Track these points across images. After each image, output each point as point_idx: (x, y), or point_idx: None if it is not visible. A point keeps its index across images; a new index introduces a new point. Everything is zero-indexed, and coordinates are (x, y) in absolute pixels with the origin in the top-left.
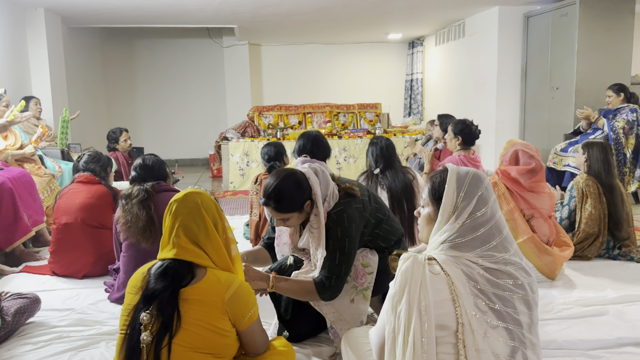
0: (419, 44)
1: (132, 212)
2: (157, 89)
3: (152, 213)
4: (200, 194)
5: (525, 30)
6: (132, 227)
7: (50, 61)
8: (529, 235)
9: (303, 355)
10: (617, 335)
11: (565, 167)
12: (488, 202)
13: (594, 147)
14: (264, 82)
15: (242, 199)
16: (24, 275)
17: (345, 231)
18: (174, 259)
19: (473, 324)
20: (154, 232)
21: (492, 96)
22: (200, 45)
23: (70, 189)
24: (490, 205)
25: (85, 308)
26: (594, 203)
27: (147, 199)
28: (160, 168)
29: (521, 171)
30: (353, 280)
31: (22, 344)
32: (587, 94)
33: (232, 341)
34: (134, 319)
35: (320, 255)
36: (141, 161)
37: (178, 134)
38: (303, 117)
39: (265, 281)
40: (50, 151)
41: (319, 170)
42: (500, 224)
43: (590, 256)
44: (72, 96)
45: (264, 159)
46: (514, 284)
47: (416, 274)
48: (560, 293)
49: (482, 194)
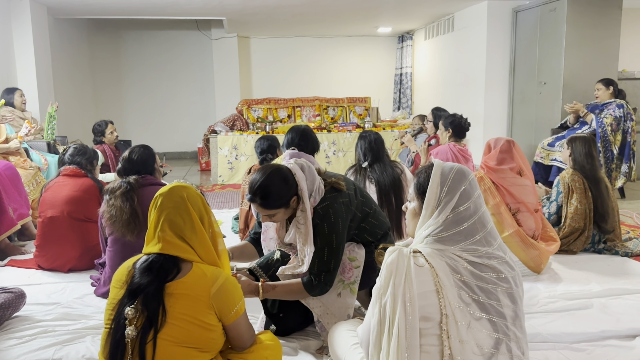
0: (408, 37)
1: (115, 206)
2: (144, 81)
3: (136, 205)
4: (186, 187)
5: (513, 25)
6: (116, 221)
7: (36, 52)
8: (515, 229)
9: (290, 349)
10: (601, 328)
11: (553, 161)
12: (471, 197)
13: (577, 141)
14: (253, 75)
15: (231, 193)
16: (9, 269)
17: (332, 226)
18: (159, 253)
19: (457, 315)
20: (138, 225)
21: (481, 91)
22: (188, 37)
23: (56, 182)
24: (473, 200)
25: (71, 302)
26: (579, 198)
27: (130, 191)
28: (147, 162)
29: (497, 152)
30: (340, 274)
31: (7, 339)
32: (575, 89)
33: (218, 335)
34: (118, 314)
35: (308, 250)
36: (127, 154)
37: (166, 127)
38: (292, 111)
39: (255, 292)
40: (36, 144)
41: (305, 165)
42: (485, 218)
43: (575, 250)
44: (59, 88)
45: (257, 152)
46: (498, 277)
47: (401, 267)
48: (545, 286)
49: (465, 189)
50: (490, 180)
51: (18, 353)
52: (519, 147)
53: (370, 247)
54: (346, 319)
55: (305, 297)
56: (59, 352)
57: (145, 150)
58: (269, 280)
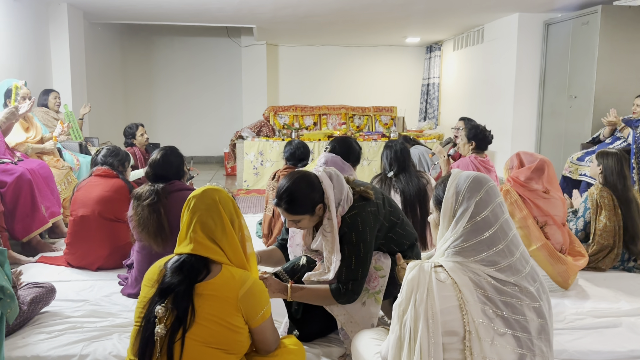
0: (436, 48)
1: (142, 216)
2: (174, 85)
3: (162, 218)
4: (219, 190)
5: (544, 37)
6: (143, 231)
7: (72, 56)
8: (543, 243)
9: (313, 355)
10: (629, 347)
11: (582, 176)
12: (489, 205)
13: (608, 157)
14: (280, 82)
15: (255, 198)
16: (40, 266)
17: (360, 235)
18: (190, 254)
19: (480, 332)
20: (165, 238)
21: (509, 103)
22: (218, 44)
23: (88, 182)
24: (492, 208)
25: (99, 300)
26: (608, 215)
27: (157, 203)
28: (179, 167)
29: (529, 170)
30: (365, 283)
31: (37, 333)
32: (606, 103)
33: (244, 338)
34: (149, 312)
35: (334, 259)
36: (157, 158)
37: (194, 131)
38: (318, 119)
39: (284, 292)
40: (69, 144)
41: (334, 174)
42: (507, 226)
43: (604, 268)
44: (91, 91)
45: (290, 156)
46: (521, 291)
47: (422, 283)
48: (572, 303)
49: (481, 197)
50: (517, 193)
51: (47, 347)
52: (553, 169)
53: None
54: (370, 328)
55: (331, 304)
56: (87, 348)
57: (174, 154)
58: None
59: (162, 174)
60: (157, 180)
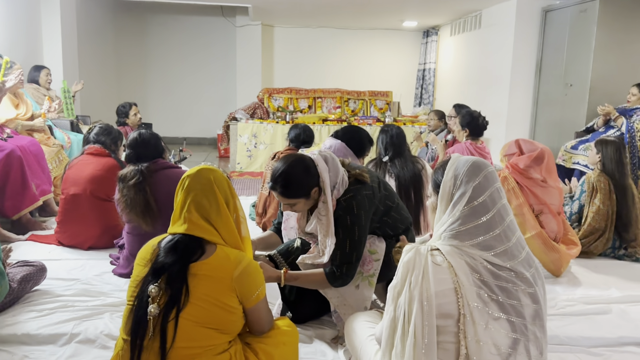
0: (433, 33)
1: (129, 196)
2: (167, 65)
3: (149, 196)
4: (213, 170)
5: (542, 24)
6: (131, 212)
7: (63, 32)
8: (537, 231)
9: (305, 336)
10: (619, 334)
11: (575, 164)
12: (486, 190)
13: (608, 146)
14: (275, 63)
15: (249, 180)
16: (30, 244)
17: (354, 219)
18: (184, 234)
19: (475, 316)
20: (152, 216)
21: (505, 90)
22: (213, 23)
23: (80, 160)
24: (489, 193)
25: (90, 279)
26: (603, 198)
27: (142, 182)
28: (157, 144)
29: (529, 159)
30: (360, 266)
31: (27, 311)
32: (602, 92)
33: (238, 318)
34: (141, 291)
35: (329, 242)
36: (136, 136)
37: (187, 112)
38: (313, 102)
39: (276, 279)
40: (60, 122)
41: (329, 157)
42: (504, 212)
43: (595, 252)
44: (83, 68)
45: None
46: (517, 276)
47: (418, 265)
48: (564, 290)
49: (480, 182)
50: (514, 180)
51: (38, 325)
52: (553, 158)
53: (391, 240)
54: (363, 311)
55: (325, 288)
56: (78, 327)
57: (150, 132)
58: (288, 267)
59: (143, 152)
60: (139, 160)
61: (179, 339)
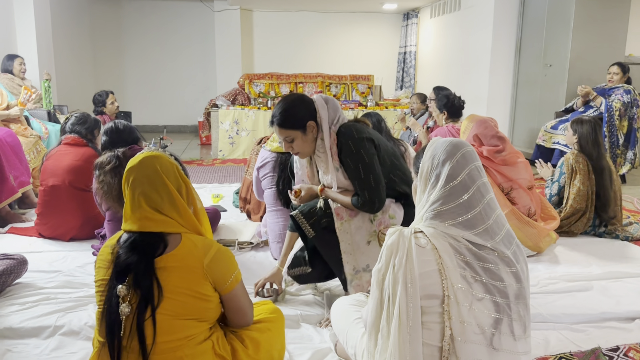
0: (414, 15)
1: (105, 181)
2: (145, 52)
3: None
4: (158, 157)
5: (521, 5)
6: (109, 197)
7: (37, 20)
8: (510, 209)
9: (292, 321)
10: (601, 310)
11: (555, 144)
12: (464, 168)
13: (583, 125)
14: (255, 49)
15: (232, 167)
16: (10, 237)
17: (358, 143)
18: (140, 231)
19: (459, 297)
20: None
21: (485, 72)
22: (190, 8)
23: (58, 151)
24: (468, 171)
25: (72, 270)
26: (582, 179)
27: (119, 167)
28: (131, 131)
29: (490, 152)
30: (376, 225)
31: (9, 305)
32: (581, 71)
33: (215, 305)
34: (110, 294)
35: (329, 178)
36: (112, 125)
37: (166, 100)
38: (294, 87)
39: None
40: (37, 112)
41: (330, 99)
42: (484, 189)
43: (576, 232)
44: (59, 57)
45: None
46: (499, 255)
47: (402, 248)
48: (546, 268)
49: (457, 161)
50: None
51: (21, 319)
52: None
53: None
54: (363, 269)
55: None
56: (62, 319)
57: (122, 121)
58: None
59: (118, 137)
60: (115, 146)
61: (158, 333)
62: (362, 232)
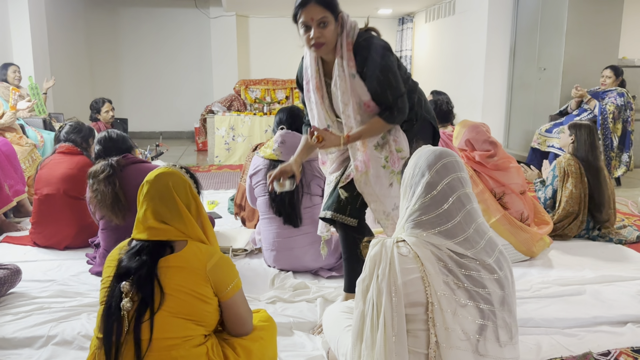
0: (409, 20)
1: (99, 190)
2: (142, 59)
3: (117, 189)
4: (173, 174)
5: (515, 9)
6: (102, 206)
7: (32, 28)
8: (502, 214)
9: (284, 328)
10: (593, 314)
11: (549, 147)
12: (444, 178)
13: (581, 129)
14: (251, 55)
15: (228, 174)
16: (5, 246)
17: (382, 52)
18: (147, 240)
19: (442, 303)
20: (122, 208)
21: (480, 75)
22: (186, 15)
23: (52, 160)
24: (448, 181)
25: (66, 279)
26: (575, 182)
27: (112, 175)
28: (124, 139)
29: (482, 157)
30: (391, 165)
31: (3, 314)
32: (575, 75)
33: (214, 309)
34: (112, 290)
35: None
36: (105, 134)
37: (163, 106)
38: (290, 92)
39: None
40: (32, 121)
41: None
42: (465, 199)
43: (570, 235)
44: (55, 65)
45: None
46: (481, 264)
47: (384, 258)
48: (538, 272)
49: (437, 171)
50: (471, 169)
51: (14, 329)
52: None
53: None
54: (392, 209)
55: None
56: (55, 329)
57: (115, 130)
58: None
59: (112, 146)
60: (109, 155)
61: (156, 330)
62: (382, 180)
